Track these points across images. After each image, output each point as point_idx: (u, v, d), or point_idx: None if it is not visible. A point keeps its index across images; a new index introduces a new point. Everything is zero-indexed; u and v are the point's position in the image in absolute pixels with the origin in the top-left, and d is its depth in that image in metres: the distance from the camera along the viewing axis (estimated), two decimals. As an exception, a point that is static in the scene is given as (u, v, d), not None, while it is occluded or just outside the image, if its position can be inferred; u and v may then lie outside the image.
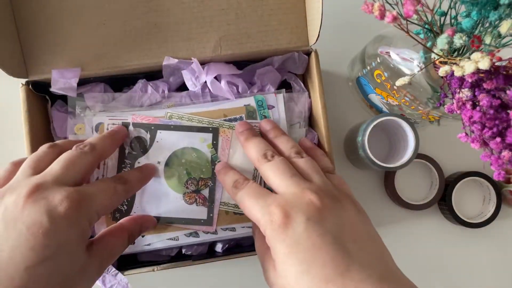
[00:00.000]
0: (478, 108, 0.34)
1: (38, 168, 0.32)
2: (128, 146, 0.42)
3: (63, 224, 0.28)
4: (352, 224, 0.30)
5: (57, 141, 0.36)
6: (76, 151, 0.33)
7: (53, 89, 0.41)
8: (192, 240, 0.43)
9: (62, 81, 0.41)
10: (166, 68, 0.42)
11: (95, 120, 0.42)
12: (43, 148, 0.34)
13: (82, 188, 0.31)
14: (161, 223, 0.42)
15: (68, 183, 0.30)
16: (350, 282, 0.26)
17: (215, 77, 0.43)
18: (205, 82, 0.43)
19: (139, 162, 0.42)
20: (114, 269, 0.40)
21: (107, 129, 0.42)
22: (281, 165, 0.33)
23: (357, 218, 0.31)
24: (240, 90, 0.44)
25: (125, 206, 0.42)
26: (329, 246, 0.28)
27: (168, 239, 0.43)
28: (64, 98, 0.44)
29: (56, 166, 0.31)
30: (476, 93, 0.34)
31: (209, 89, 0.44)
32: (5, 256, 0.26)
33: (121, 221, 0.37)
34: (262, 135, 0.41)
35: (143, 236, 0.42)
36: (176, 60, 0.41)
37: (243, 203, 0.33)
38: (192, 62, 0.42)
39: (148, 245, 0.43)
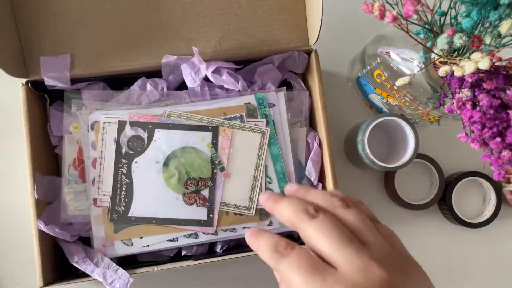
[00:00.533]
0: (478, 108, 0.34)
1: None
2: (125, 145, 0.42)
3: None
4: None
5: None
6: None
7: (44, 76, 0.41)
8: (192, 241, 0.43)
9: (52, 68, 0.41)
10: (165, 66, 0.42)
11: (91, 118, 0.42)
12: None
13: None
14: (159, 224, 0.42)
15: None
16: None
17: (215, 72, 0.43)
18: (205, 80, 0.43)
19: (136, 162, 0.41)
20: (114, 264, 0.40)
21: (103, 127, 0.42)
22: (331, 225, 0.26)
23: (424, 285, 0.26)
24: (240, 87, 0.44)
25: (122, 207, 0.42)
26: None
27: (167, 240, 0.43)
28: (63, 97, 0.44)
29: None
30: (476, 93, 0.34)
31: (208, 87, 0.44)
32: None
33: None
34: None
35: (141, 238, 0.42)
36: (175, 57, 0.41)
37: (290, 277, 0.25)
38: (191, 58, 0.42)
39: (146, 246, 0.42)
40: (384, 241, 0.27)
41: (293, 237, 0.46)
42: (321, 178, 0.45)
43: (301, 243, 0.29)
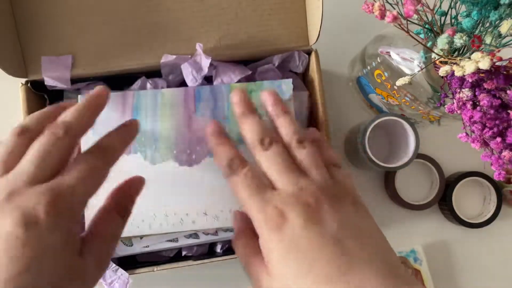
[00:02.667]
0: (478, 108, 0.34)
1: (8, 164, 0.28)
2: None
3: (41, 231, 0.26)
4: (351, 222, 0.29)
5: (27, 122, 0.30)
6: (49, 137, 0.28)
7: (45, 76, 0.40)
8: (192, 241, 0.43)
9: (53, 69, 0.40)
10: (164, 66, 0.42)
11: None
12: (12, 137, 0.29)
13: (58, 183, 0.27)
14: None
15: (43, 179, 0.27)
16: (352, 280, 0.26)
17: (209, 76, 0.43)
18: (205, 79, 0.43)
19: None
20: (114, 265, 0.40)
21: None
22: (278, 157, 0.31)
23: (357, 216, 0.30)
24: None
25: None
26: (329, 246, 0.27)
27: (167, 240, 0.42)
28: (63, 97, 0.44)
29: (27, 164, 0.28)
30: (476, 93, 0.34)
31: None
32: None
33: (105, 200, 0.33)
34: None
35: (141, 238, 0.42)
36: (174, 57, 0.41)
37: (237, 190, 0.31)
38: (191, 57, 0.42)
39: (146, 247, 0.42)
40: (329, 176, 0.31)
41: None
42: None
43: None
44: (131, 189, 0.34)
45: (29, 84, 0.41)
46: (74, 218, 0.28)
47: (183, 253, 0.45)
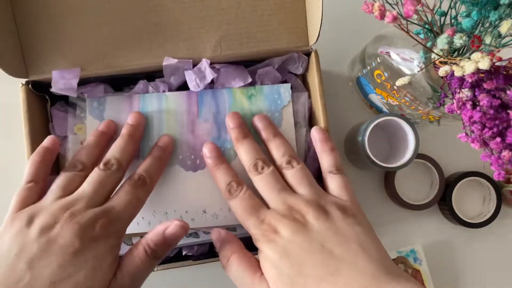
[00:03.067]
0: (478, 108, 0.34)
1: (68, 190, 0.34)
2: None
3: (92, 245, 0.31)
4: (337, 229, 0.32)
5: (83, 159, 0.37)
6: (105, 172, 0.35)
7: (54, 89, 0.41)
8: (192, 240, 0.43)
9: (62, 82, 0.41)
10: (166, 68, 0.42)
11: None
12: (71, 171, 0.36)
13: (109, 207, 0.33)
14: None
15: (98, 204, 0.33)
16: (340, 280, 0.29)
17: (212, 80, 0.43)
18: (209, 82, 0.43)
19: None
20: None
21: None
22: (270, 179, 0.36)
23: (344, 223, 0.33)
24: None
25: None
26: (316, 252, 0.30)
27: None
28: (64, 98, 0.44)
29: (87, 190, 0.34)
30: (476, 93, 0.34)
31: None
32: (35, 272, 0.28)
33: (147, 239, 0.34)
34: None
35: (141, 237, 0.42)
36: (176, 60, 0.41)
37: (236, 212, 0.36)
38: (191, 61, 0.42)
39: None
40: (314, 191, 0.35)
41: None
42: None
43: None
44: (173, 239, 0.35)
45: (29, 85, 0.41)
46: (120, 239, 0.33)
47: (183, 252, 0.45)
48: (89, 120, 0.42)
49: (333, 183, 0.37)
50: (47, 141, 0.38)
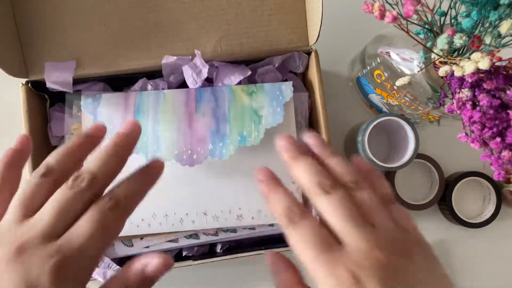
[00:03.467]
0: (478, 108, 0.34)
1: (30, 208, 0.27)
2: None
3: None
4: (422, 277, 0.28)
5: (52, 162, 0.29)
6: (72, 191, 0.27)
7: (47, 81, 0.40)
8: (192, 241, 0.43)
9: (56, 75, 0.40)
10: (165, 67, 0.42)
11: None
12: (36, 178, 0.28)
13: (68, 242, 0.26)
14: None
15: (57, 234, 0.26)
16: None
17: (209, 77, 0.43)
18: (206, 81, 0.43)
19: None
20: (115, 264, 0.40)
21: None
22: (344, 203, 0.28)
23: (428, 269, 0.29)
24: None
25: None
26: None
27: (168, 241, 0.42)
28: (64, 99, 0.44)
29: (45, 216, 0.26)
30: (476, 93, 0.34)
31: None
32: None
33: (124, 273, 0.29)
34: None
35: (141, 239, 0.42)
36: (175, 58, 0.41)
37: (297, 244, 0.27)
38: (190, 59, 0.42)
39: (147, 247, 0.42)
40: (393, 223, 0.29)
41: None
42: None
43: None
44: (154, 279, 0.29)
45: (29, 84, 0.41)
46: (80, 283, 0.26)
47: (184, 253, 0.45)
48: (83, 117, 0.42)
49: (397, 212, 0.30)
50: (17, 141, 0.32)
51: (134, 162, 0.41)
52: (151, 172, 0.31)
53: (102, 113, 0.41)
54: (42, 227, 0.26)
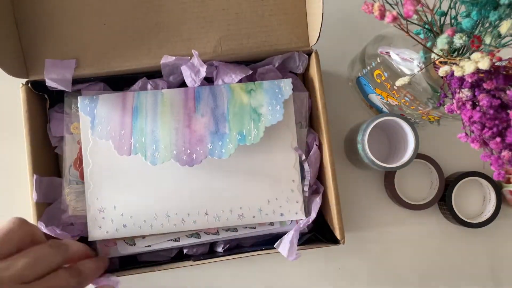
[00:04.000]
0: (478, 108, 0.34)
1: (4, 250, 0.30)
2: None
3: None
4: None
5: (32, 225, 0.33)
6: (49, 249, 0.31)
7: (47, 78, 0.40)
8: (193, 241, 0.43)
9: (56, 72, 0.40)
10: (164, 67, 0.42)
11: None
12: (16, 224, 0.31)
13: None
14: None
15: (26, 281, 0.29)
16: None
17: (208, 77, 0.43)
18: (205, 80, 0.43)
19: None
20: (108, 274, 0.40)
21: None
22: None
23: None
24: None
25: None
26: None
27: (169, 240, 0.42)
28: (63, 100, 0.44)
29: (20, 262, 0.29)
30: (476, 93, 0.34)
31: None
32: None
33: None
34: None
35: (143, 238, 0.42)
36: (174, 58, 0.41)
37: None
38: (189, 59, 0.42)
39: (149, 246, 0.42)
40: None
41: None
42: (321, 178, 0.45)
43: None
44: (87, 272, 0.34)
45: (29, 85, 0.41)
46: None
47: (184, 251, 0.45)
48: (81, 117, 0.42)
49: None
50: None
51: (133, 163, 0.41)
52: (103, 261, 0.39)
53: (100, 114, 0.41)
54: (15, 271, 0.28)
